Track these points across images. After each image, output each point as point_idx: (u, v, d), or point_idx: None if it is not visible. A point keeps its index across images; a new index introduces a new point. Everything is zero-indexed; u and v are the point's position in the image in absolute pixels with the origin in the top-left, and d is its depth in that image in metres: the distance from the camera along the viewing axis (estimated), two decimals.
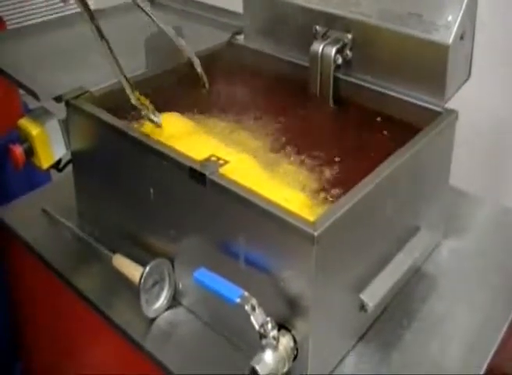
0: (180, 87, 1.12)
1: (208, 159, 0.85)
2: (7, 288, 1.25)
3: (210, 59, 1.20)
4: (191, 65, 1.11)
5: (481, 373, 0.88)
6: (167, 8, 1.34)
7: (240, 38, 1.25)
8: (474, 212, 1.19)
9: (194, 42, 1.13)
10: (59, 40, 1.18)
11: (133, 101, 0.94)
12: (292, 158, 0.98)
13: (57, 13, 2.28)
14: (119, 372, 1.01)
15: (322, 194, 0.89)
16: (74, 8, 0.94)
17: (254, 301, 0.76)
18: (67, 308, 1.09)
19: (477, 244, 1.11)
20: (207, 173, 0.83)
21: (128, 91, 0.94)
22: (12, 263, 1.22)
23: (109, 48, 0.92)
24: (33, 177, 1.32)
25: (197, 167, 0.84)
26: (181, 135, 0.98)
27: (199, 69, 1.10)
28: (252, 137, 1.02)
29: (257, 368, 0.76)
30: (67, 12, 1.34)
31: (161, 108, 0.99)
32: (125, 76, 0.94)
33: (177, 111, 1.05)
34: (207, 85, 1.11)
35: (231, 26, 1.25)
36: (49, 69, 1.08)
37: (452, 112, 0.98)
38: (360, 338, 0.92)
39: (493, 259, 1.07)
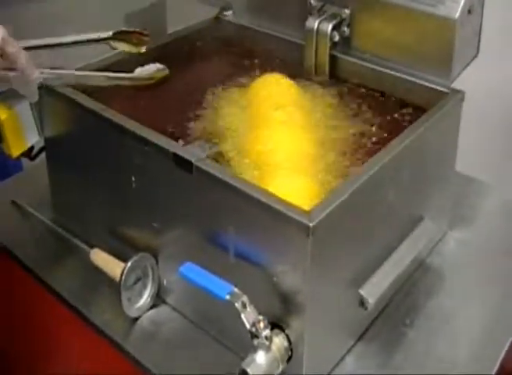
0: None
1: (194, 144, 0.84)
2: None
3: (196, 36, 1.19)
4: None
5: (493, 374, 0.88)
6: None
7: (229, 14, 1.24)
8: (482, 201, 1.19)
9: (179, 18, 1.12)
10: (31, 14, 1.17)
11: None
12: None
13: None
14: None
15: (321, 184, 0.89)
16: None
17: (244, 298, 0.75)
18: (42, 309, 1.08)
19: (485, 234, 1.11)
20: (193, 160, 0.82)
21: None
22: None
23: None
24: (2, 166, 1.31)
25: (182, 153, 0.83)
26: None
27: None
28: None
29: (249, 370, 0.76)
30: None
31: None
32: None
33: None
34: None
35: (218, 1, 1.24)
36: None
37: (458, 93, 0.98)
38: (360, 337, 0.92)
39: (503, 251, 1.07)
